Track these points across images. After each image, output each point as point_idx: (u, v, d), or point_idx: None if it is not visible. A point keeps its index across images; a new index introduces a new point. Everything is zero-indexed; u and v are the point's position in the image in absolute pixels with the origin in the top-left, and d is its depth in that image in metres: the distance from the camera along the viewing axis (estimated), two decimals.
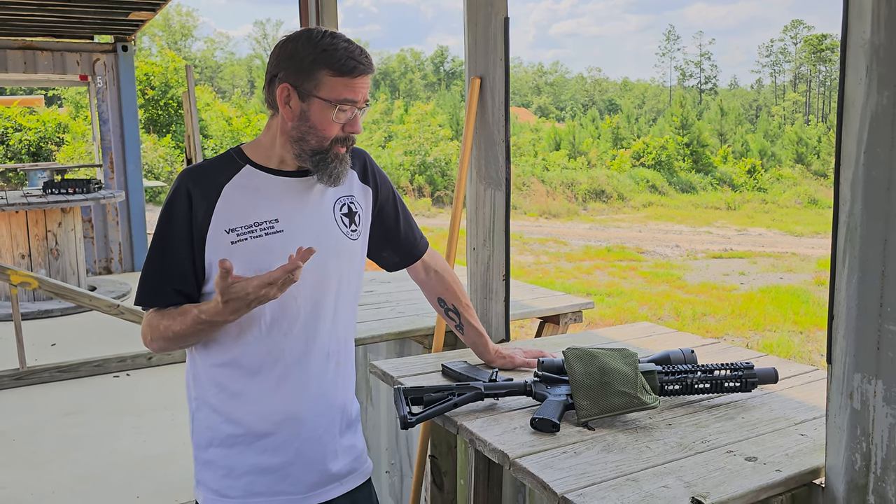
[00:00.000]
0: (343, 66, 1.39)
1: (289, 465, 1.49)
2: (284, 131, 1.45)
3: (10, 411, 4.02)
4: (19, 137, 17.59)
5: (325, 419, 1.52)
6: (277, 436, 1.48)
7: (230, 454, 1.48)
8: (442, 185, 21.92)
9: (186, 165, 5.67)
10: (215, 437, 1.48)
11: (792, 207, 22.73)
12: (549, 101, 63.46)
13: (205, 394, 1.49)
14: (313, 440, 1.51)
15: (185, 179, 1.45)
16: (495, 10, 2.12)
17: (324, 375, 1.52)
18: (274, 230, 1.44)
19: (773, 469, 1.29)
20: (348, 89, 1.40)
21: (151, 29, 46.28)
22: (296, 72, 1.40)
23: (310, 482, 1.51)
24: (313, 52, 1.39)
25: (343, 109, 1.41)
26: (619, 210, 21.75)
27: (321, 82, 1.39)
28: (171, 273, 1.45)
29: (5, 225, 6.13)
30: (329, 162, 1.44)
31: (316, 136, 1.42)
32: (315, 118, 1.41)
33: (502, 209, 2.18)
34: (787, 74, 71.53)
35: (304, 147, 1.43)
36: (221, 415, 1.48)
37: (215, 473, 1.49)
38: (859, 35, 1.14)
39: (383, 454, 2.88)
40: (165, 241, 1.44)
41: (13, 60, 7.26)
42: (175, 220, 1.43)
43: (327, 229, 1.51)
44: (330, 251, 1.50)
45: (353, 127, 1.45)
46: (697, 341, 2.10)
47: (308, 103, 1.41)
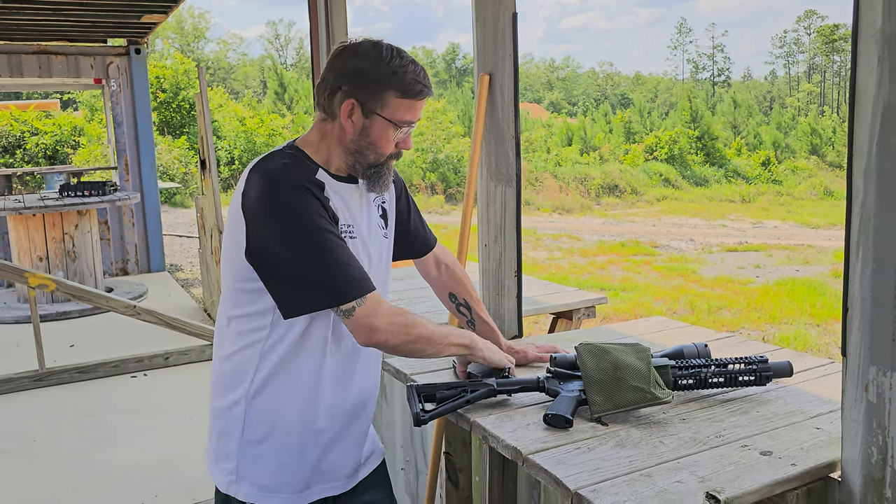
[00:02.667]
0: (411, 90, 1.43)
1: (335, 456, 1.54)
2: (342, 142, 1.47)
3: (29, 412, 4.07)
4: (35, 141, 17.75)
5: (367, 410, 1.61)
6: (331, 429, 1.52)
7: (285, 449, 1.49)
8: (454, 183, 21.90)
9: (200, 166, 5.70)
10: (271, 433, 1.48)
11: (807, 199, 22.52)
12: (560, 97, 63.26)
13: (261, 391, 1.48)
14: (356, 430, 1.58)
15: (291, 178, 1.40)
16: (503, 6, 2.12)
17: (371, 370, 1.60)
18: (353, 235, 1.49)
19: (788, 463, 1.28)
20: (411, 111, 1.46)
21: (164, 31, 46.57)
22: (362, 88, 1.43)
23: (349, 469, 1.59)
24: (383, 73, 1.42)
25: (402, 129, 1.46)
26: (632, 204, 21.64)
27: (387, 103, 1.43)
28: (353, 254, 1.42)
29: (23, 228, 6.20)
30: (382, 175, 1.50)
31: (374, 152, 1.47)
32: (375, 135, 1.45)
33: (513, 205, 2.18)
34: (800, 65, 70.91)
35: (359, 160, 1.47)
36: (279, 410, 1.48)
37: (266, 469, 1.49)
38: (871, 24, 1.13)
39: (398, 451, 2.89)
40: (329, 228, 1.39)
41: (28, 65, 7.34)
42: (317, 210, 1.39)
43: (378, 234, 1.59)
44: (381, 255, 1.59)
45: (405, 144, 1.50)
46: (711, 335, 2.09)
47: (371, 120, 1.44)
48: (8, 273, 4.40)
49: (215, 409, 1.54)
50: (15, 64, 7.28)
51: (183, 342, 4.88)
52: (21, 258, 6.24)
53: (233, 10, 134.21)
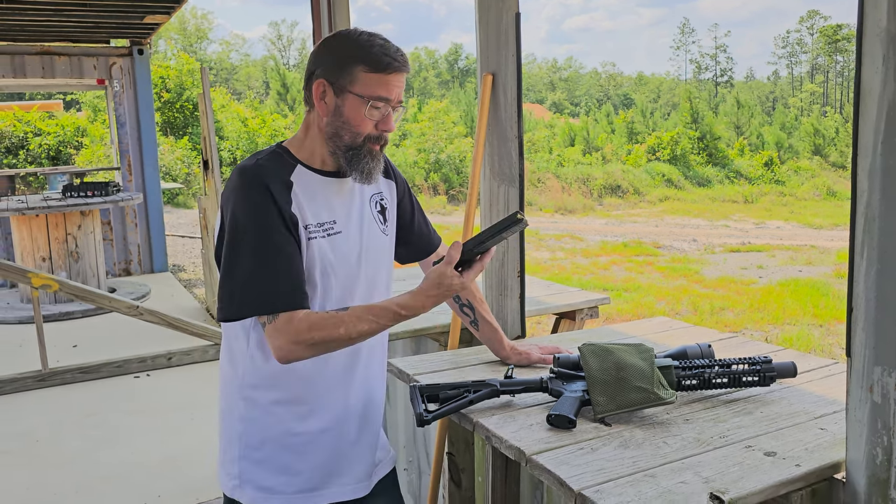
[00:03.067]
0: (378, 63, 1.40)
1: (344, 458, 1.53)
2: (320, 128, 1.46)
3: (32, 412, 4.07)
4: (39, 142, 17.79)
5: (374, 411, 1.59)
6: (335, 431, 1.51)
7: (287, 451, 1.48)
8: (457, 183, 21.91)
9: (203, 167, 5.70)
10: (271, 435, 1.48)
11: (810, 200, 22.48)
12: (563, 97, 63.23)
13: (260, 393, 1.48)
14: (366, 432, 1.57)
15: (255, 175, 1.40)
16: (507, 6, 2.12)
17: (373, 370, 1.59)
18: (335, 231, 1.47)
19: (792, 464, 1.28)
20: (382, 86, 1.41)
21: (167, 32, 46.63)
22: (331, 67, 1.42)
23: (361, 474, 1.57)
24: (350, 48, 1.41)
25: (376, 106, 1.42)
26: (635, 205, 21.62)
27: (356, 78, 1.40)
28: (297, 268, 1.39)
29: (26, 228, 6.21)
30: (361, 158, 1.45)
31: (349, 131, 1.43)
32: (348, 113, 1.42)
33: (516, 205, 2.18)
34: (803, 65, 70.82)
35: (337, 143, 1.44)
36: (279, 413, 1.48)
37: (269, 471, 1.48)
38: (875, 23, 1.13)
39: (401, 451, 2.88)
40: (275, 234, 1.37)
41: (32, 66, 7.35)
42: (269, 213, 1.37)
43: (371, 229, 1.55)
44: (376, 251, 1.56)
45: (385, 125, 1.45)
46: (715, 336, 2.09)
47: (342, 98, 1.42)
48: (11, 273, 4.40)
49: (220, 412, 1.56)
50: (18, 65, 7.30)
51: (186, 342, 4.89)
52: (24, 258, 6.25)
53: (235, 10, 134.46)
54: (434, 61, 62.86)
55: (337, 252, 1.46)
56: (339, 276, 1.47)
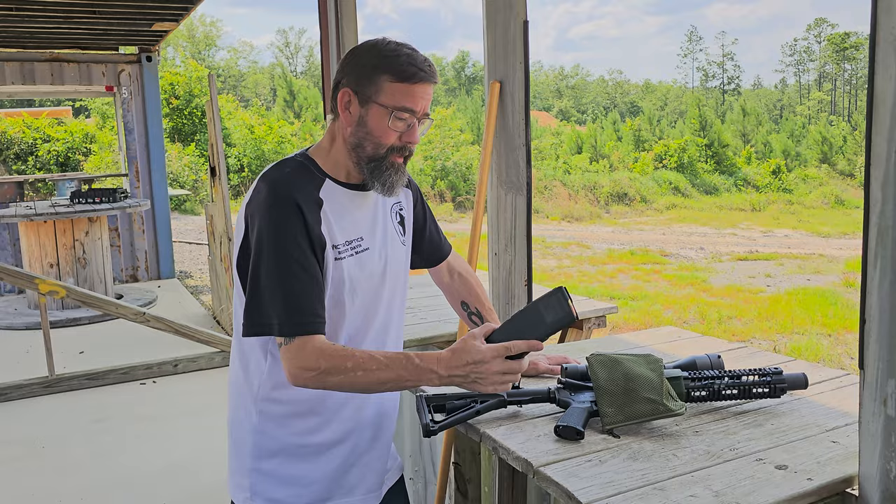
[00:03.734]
0: (403, 72, 1.37)
1: (355, 469, 1.52)
2: (344, 138, 1.43)
3: (39, 418, 4.07)
4: (48, 148, 17.89)
5: (387, 423, 1.58)
6: (348, 442, 1.50)
7: (298, 462, 1.47)
8: (463, 190, 21.92)
9: (210, 174, 5.72)
10: (284, 446, 1.47)
11: (818, 208, 22.40)
12: (570, 105, 63.27)
13: (275, 405, 1.46)
14: (378, 444, 1.56)
15: (287, 192, 1.36)
16: (514, 14, 2.11)
17: None
18: (362, 248, 1.45)
19: (804, 477, 1.26)
20: (407, 97, 1.38)
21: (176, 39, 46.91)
22: (357, 77, 1.39)
23: (372, 484, 1.56)
24: (376, 57, 1.39)
25: (400, 117, 1.38)
26: (642, 213, 21.58)
27: (381, 88, 1.38)
28: (317, 292, 1.35)
29: (34, 234, 6.23)
30: (384, 170, 1.41)
31: (372, 142, 1.40)
32: (372, 124, 1.39)
33: (524, 214, 2.17)
34: (811, 73, 70.69)
35: (360, 154, 1.42)
36: (293, 425, 1.46)
37: (278, 483, 1.47)
38: (889, 31, 1.11)
39: (407, 461, 2.87)
40: (299, 256, 1.34)
41: (41, 72, 7.39)
42: (297, 233, 1.34)
43: (394, 241, 1.54)
44: (397, 263, 1.54)
45: (410, 136, 1.41)
46: (723, 346, 2.07)
47: (367, 108, 1.39)
48: (19, 279, 4.41)
49: (230, 421, 1.54)
50: (28, 71, 7.34)
51: (192, 349, 4.89)
52: (32, 264, 6.27)
53: (243, 18, 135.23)
54: (441, 69, 63.01)
55: (364, 269, 1.45)
56: (366, 292, 1.46)
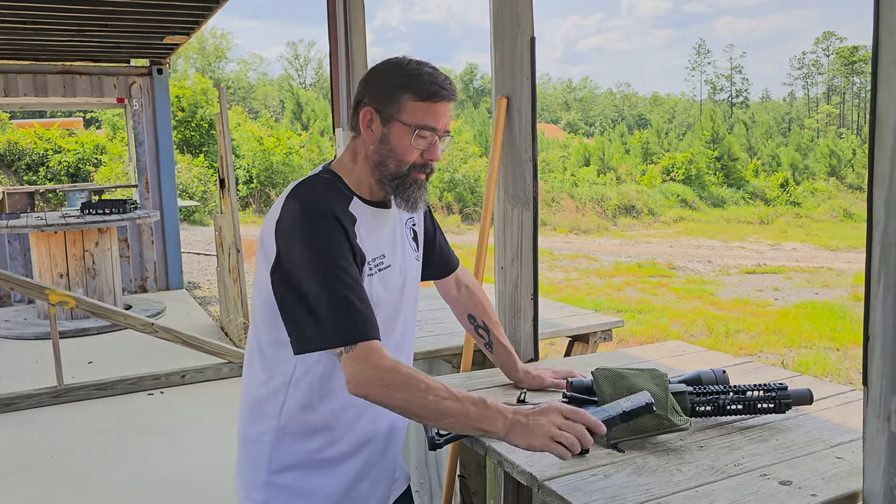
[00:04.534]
0: (425, 91, 1.40)
1: (366, 481, 1.53)
2: (367, 155, 1.45)
3: (47, 428, 4.09)
4: (59, 159, 18.04)
5: (397, 435, 1.60)
6: (362, 455, 1.51)
7: (313, 476, 1.48)
8: (471, 203, 21.96)
9: (219, 185, 5.76)
10: (299, 460, 1.47)
11: (827, 221, 22.33)
12: (578, 117, 63.34)
13: (295, 420, 1.46)
14: (388, 455, 1.58)
15: (325, 204, 1.38)
16: (522, 30, 2.14)
17: None
18: (384, 265, 1.47)
19: (808, 493, 1.26)
20: (429, 115, 1.41)
21: (186, 52, 47.28)
22: (380, 96, 1.42)
23: (381, 495, 1.58)
24: (398, 76, 1.41)
25: (423, 135, 1.41)
26: (649, 225, 21.56)
27: (403, 106, 1.40)
28: (367, 299, 1.35)
29: (44, 245, 6.28)
30: (407, 187, 1.44)
31: (395, 160, 1.42)
32: (395, 142, 1.42)
33: (530, 228, 2.18)
34: (819, 87, 70.60)
35: (383, 171, 1.44)
36: (311, 438, 1.47)
37: (292, 496, 1.48)
38: (891, 50, 1.13)
39: (413, 473, 2.87)
40: (348, 267, 1.34)
41: (53, 84, 7.47)
42: (343, 245, 1.35)
43: (409, 256, 1.57)
44: (412, 278, 1.58)
45: (431, 154, 1.44)
46: (729, 360, 2.07)
47: (389, 127, 1.41)
48: (29, 290, 4.45)
49: (244, 436, 1.53)
50: (40, 83, 7.42)
51: (200, 360, 4.90)
52: (42, 275, 6.32)
53: (254, 30, 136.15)
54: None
55: (387, 286, 1.47)
56: (387, 308, 1.48)
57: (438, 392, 1.29)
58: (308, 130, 28.77)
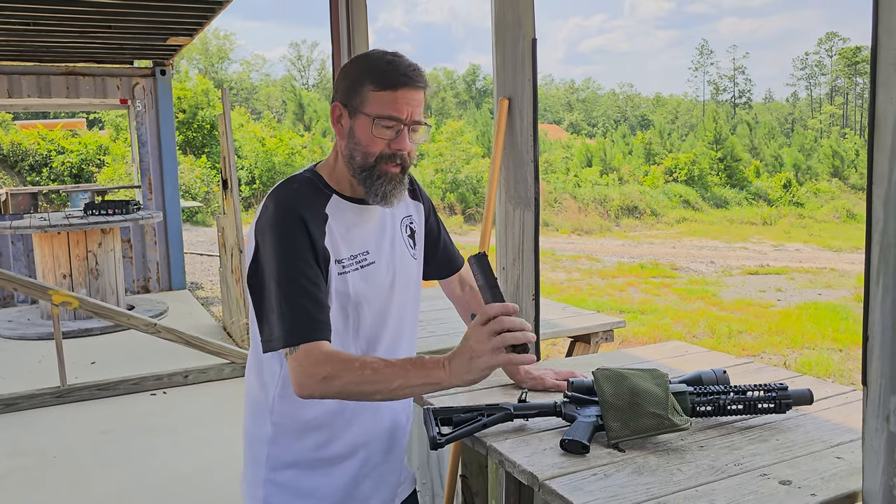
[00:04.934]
0: (384, 80, 1.37)
1: (368, 482, 1.54)
2: (340, 151, 1.45)
3: (50, 428, 4.10)
4: (62, 160, 18.08)
5: (399, 436, 1.60)
6: (361, 455, 1.52)
7: (312, 475, 1.49)
8: (473, 203, 21.96)
9: (222, 186, 5.77)
10: (297, 459, 1.48)
11: (830, 222, 22.30)
12: (580, 118, 63.31)
13: (290, 418, 1.47)
14: (391, 457, 1.58)
15: (292, 206, 1.39)
16: (523, 32, 2.14)
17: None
18: (367, 262, 1.46)
19: (808, 493, 1.26)
20: (390, 104, 1.37)
21: (189, 53, 47.34)
22: (346, 90, 1.41)
23: (385, 496, 1.58)
24: (360, 68, 1.40)
25: (385, 125, 1.38)
26: (652, 226, 21.55)
27: (366, 98, 1.38)
28: (322, 302, 1.35)
29: (48, 246, 6.30)
30: (375, 179, 1.41)
31: (361, 152, 1.40)
32: (359, 134, 1.40)
33: (531, 229, 2.19)
34: (822, 87, 70.52)
35: (353, 164, 1.42)
36: (307, 438, 1.48)
37: (292, 494, 1.49)
38: (890, 51, 1.13)
39: (415, 473, 2.88)
40: (305, 268, 1.35)
41: (57, 85, 7.50)
42: (302, 246, 1.36)
43: (403, 255, 1.55)
44: (407, 277, 1.55)
45: (399, 144, 1.40)
46: (730, 361, 2.07)
47: (354, 120, 1.40)
48: (32, 290, 4.46)
49: (246, 434, 1.55)
50: (44, 84, 7.44)
51: (202, 360, 4.91)
52: (45, 275, 6.33)
53: (257, 31, 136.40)
54: (452, 82, 63.22)
55: (371, 283, 1.46)
56: (373, 306, 1.47)
57: (374, 365, 1.29)
58: (310, 131, 28.80)
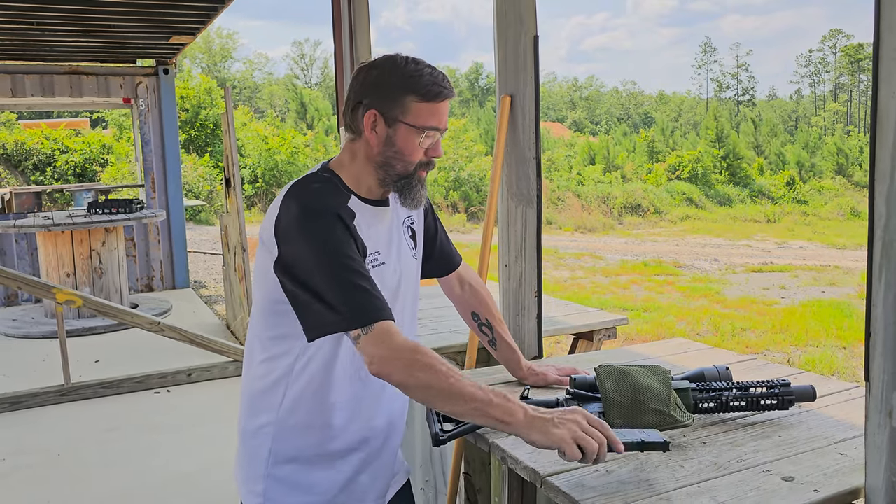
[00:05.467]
0: (429, 92, 1.42)
1: (365, 476, 1.55)
2: (370, 157, 1.46)
3: (54, 427, 4.12)
4: (65, 159, 18.11)
5: (396, 430, 1.61)
6: (361, 451, 1.53)
7: (312, 470, 1.50)
8: (476, 201, 21.96)
9: (225, 185, 5.78)
10: (298, 454, 1.49)
11: (834, 219, 22.25)
12: (583, 116, 63.23)
13: (295, 414, 1.48)
14: (387, 450, 1.59)
15: (323, 201, 1.41)
16: (525, 29, 2.14)
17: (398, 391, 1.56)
18: (378, 262, 1.48)
19: (810, 489, 1.26)
20: (433, 115, 1.44)
21: (192, 52, 47.38)
22: (382, 98, 1.43)
23: (380, 488, 1.59)
24: (400, 78, 1.42)
25: (429, 136, 1.44)
26: (655, 224, 21.52)
27: (408, 108, 1.42)
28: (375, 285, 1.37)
29: (52, 244, 6.31)
30: (413, 186, 1.48)
31: (402, 161, 1.45)
32: (401, 143, 1.44)
33: (534, 226, 2.19)
34: (826, 84, 70.32)
35: (388, 172, 1.46)
36: (309, 434, 1.49)
37: (291, 489, 1.50)
38: (892, 48, 1.13)
39: (417, 471, 2.88)
40: (354, 256, 1.36)
41: (60, 85, 7.51)
42: (346, 239, 1.37)
43: (405, 255, 1.57)
44: (409, 276, 1.58)
45: (435, 151, 1.48)
46: (733, 358, 2.07)
47: (394, 129, 1.43)
48: (36, 289, 4.48)
49: (243, 431, 1.55)
50: (47, 84, 7.45)
51: (206, 359, 4.92)
52: (49, 274, 6.35)
53: (259, 30, 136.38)
54: (455, 80, 63.07)
55: (382, 284, 1.46)
56: None
57: (459, 376, 1.31)
58: (313, 129, 28.82)
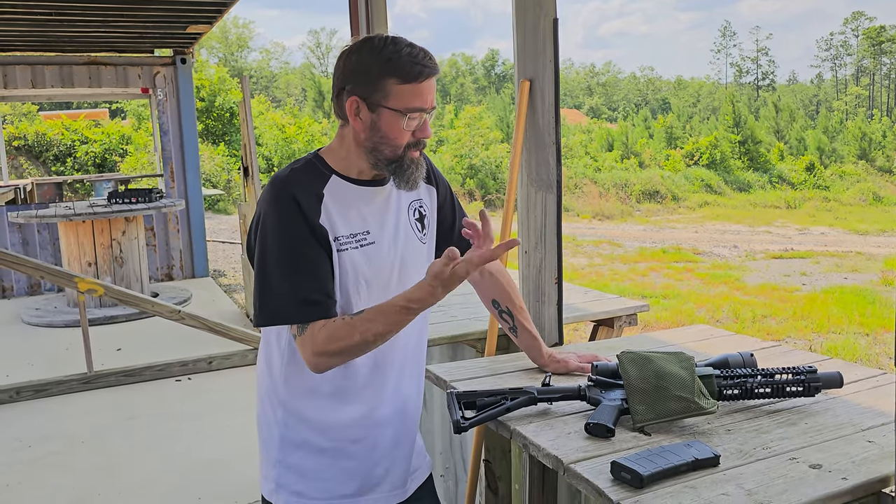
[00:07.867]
0: (408, 73, 1.38)
1: (378, 466, 1.54)
2: (358, 142, 1.45)
3: (78, 414, 4.17)
4: (85, 150, 18.27)
5: (409, 420, 1.59)
6: (368, 439, 1.52)
7: (319, 457, 1.50)
8: (493, 189, 21.90)
9: (243, 174, 5.80)
10: (304, 440, 1.50)
11: (856, 205, 21.96)
12: (601, 102, 62.74)
13: (295, 399, 1.49)
14: (401, 440, 1.57)
15: (284, 187, 1.42)
16: (544, 12, 2.11)
17: (408, 379, 1.58)
18: (367, 242, 1.47)
19: (839, 477, 1.24)
20: (416, 96, 1.40)
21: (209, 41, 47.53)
22: (363, 84, 1.40)
23: (398, 480, 1.58)
24: (378, 61, 1.39)
25: (413, 117, 1.41)
26: (673, 211, 21.35)
27: (389, 92, 1.39)
28: (323, 278, 1.40)
29: (73, 234, 6.37)
30: (405, 168, 1.45)
31: (389, 145, 1.43)
32: (386, 128, 1.41)
33: (553, 212, 2.17)
34: (848, 68, 69.20)
35: (378, 157, 1.45)
36: (313, 420, 1.49)
37: (301, 476, 1.50)
38: None
39: (438, 458, 2.88)
40: (300, 244, 1.39)
41: (79, 75, 7.56)
42: (296, 225, 1.39)
43: (407, 237, 1.55)
44: (413, 260, 1.55)
45: (423, 132, 1.45)
46: (756, 344, 2.05)
47: (377, 114, 1.41)
48: (59, 278, 4.52)
49: (258, 417, 1.58)
50: (66, 74, 7.50)
51: (226, 347, 4.96)
52: (71, 263, 6.41)
53: (276, 19, 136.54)
54: (471, 67, 62.85)
55: (371, 263, 1.46)
56: (374, 287, 1.48)
57: (363, 327, 1.37)
58: (329, 118, 28.81)
